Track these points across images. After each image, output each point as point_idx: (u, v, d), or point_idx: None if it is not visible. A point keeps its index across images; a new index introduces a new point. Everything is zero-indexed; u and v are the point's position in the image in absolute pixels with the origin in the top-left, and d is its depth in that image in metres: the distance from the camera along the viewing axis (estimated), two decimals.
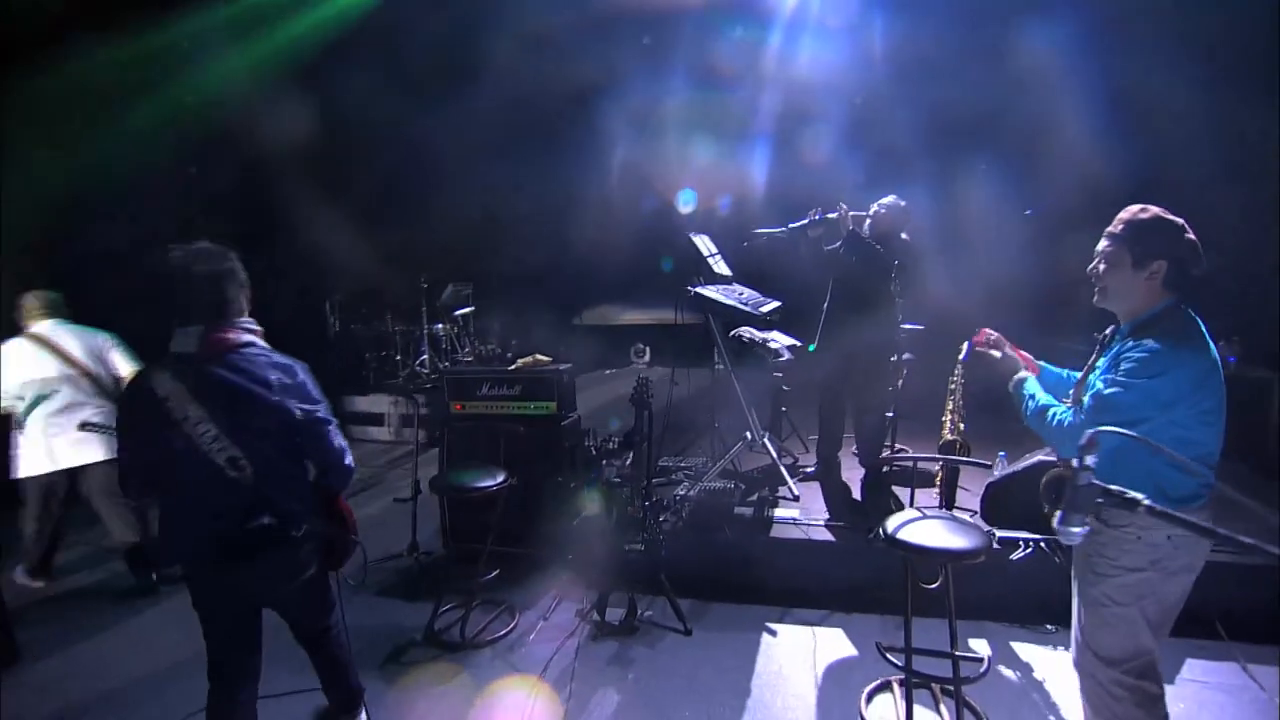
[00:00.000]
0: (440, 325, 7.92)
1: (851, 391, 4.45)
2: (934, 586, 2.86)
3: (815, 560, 3.74)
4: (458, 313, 8.04)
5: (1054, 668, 3.05)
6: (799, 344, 4.80)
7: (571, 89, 6.84)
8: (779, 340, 4.82)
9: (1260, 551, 1.10)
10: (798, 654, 3.22)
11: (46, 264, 4.68)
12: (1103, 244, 2.01)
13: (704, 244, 4.84)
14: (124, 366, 3.90)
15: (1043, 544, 3.42)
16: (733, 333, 4.79)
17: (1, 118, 4.94)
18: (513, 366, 4.21)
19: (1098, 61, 5.38)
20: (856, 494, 4.39)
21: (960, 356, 3.93)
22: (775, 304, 4.67)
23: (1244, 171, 4.82)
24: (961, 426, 3.90)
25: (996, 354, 2.31)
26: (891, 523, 2.66)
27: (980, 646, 3.21)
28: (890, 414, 4.58)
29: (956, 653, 2.68)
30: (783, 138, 7.31)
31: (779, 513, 4.06)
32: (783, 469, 4.44)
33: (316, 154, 6.70)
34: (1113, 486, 1.29)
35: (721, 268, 4.85)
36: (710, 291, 4.37)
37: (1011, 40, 5.65)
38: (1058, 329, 4.73)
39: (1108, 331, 2.08)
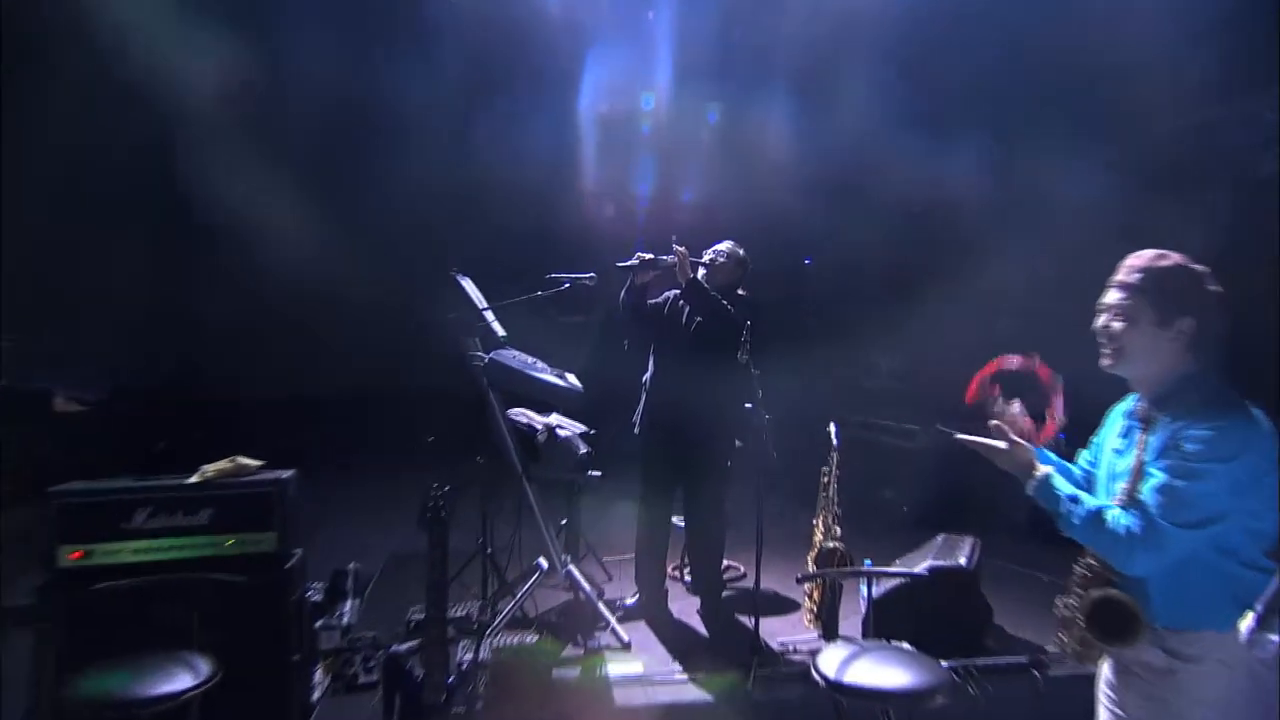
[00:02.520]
0: None
1: (685, 492, 4.37)
2: None
3: None
4: None
5: None
6: (592, 431, 4.62)
7: None
8: (568, 426, 4.58)
9: None
10: None
11: None
12: (1114, 296, 2.04)
13: (473, 291, 4.42)
14: None
15: (955, 672, 3.52)
16: (509, 414, 4.43)
17: None
18: (196, 477, 3.26)
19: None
20: (698, 630, 4.28)
21: (833, 441, 4.20)
22: (573, 375, 4.46)
23: None
24: (838, 530, 3.95)
25: (1001, 445, 2.13)
26: (827, 663, 2.62)
27: None
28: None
29: None
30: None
31: (614, 669, 3.74)
32: (603, 609, 4.15)
33: None
34: None
35: (497, 326, 4.46)
36: (507, 360, 3.97)
37: None
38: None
39: (1139, 406, 2.07)
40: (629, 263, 4.13)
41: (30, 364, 6.66)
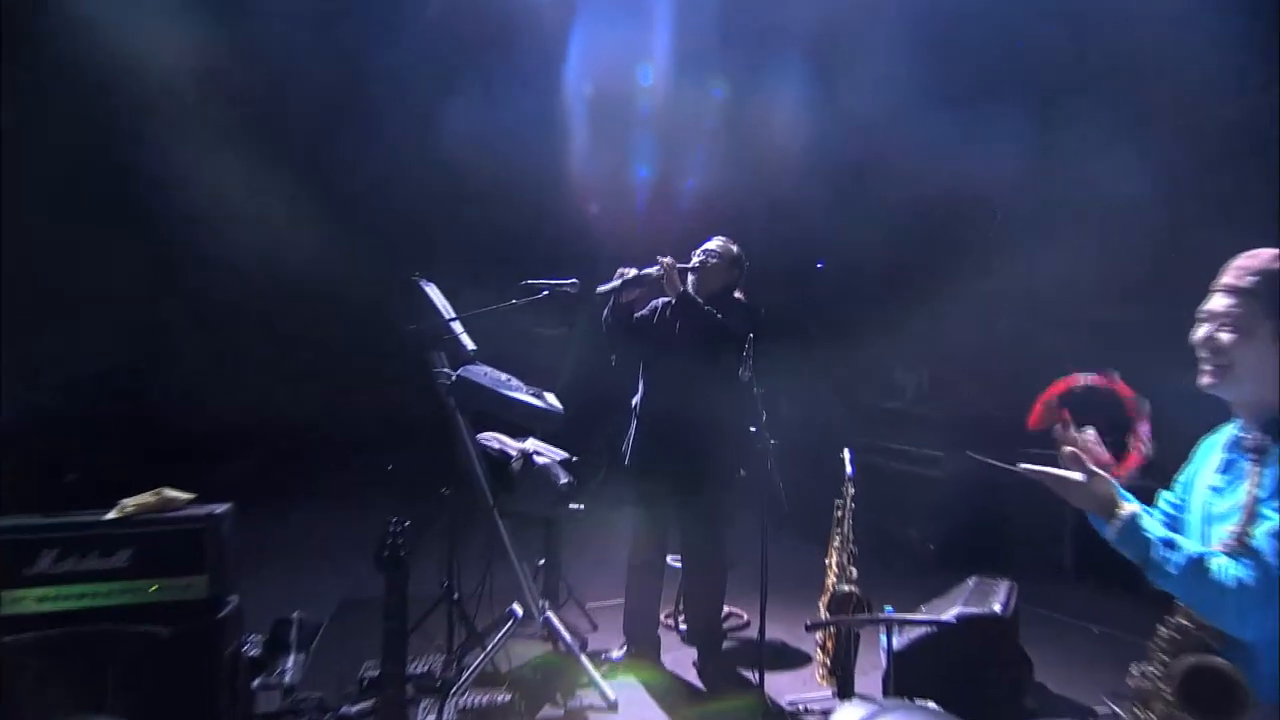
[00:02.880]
0: None
1: (680, 529, 4.32)
2: None
3: None
4: None
5: None
6: (573, 458, 4.59)
7: None
8: (546, 453, 4.52)
9: None
10: None
11: None
12: (1222, 302, 1.90)
13: (438, 298, 4.35)
14: None
15: None
16: (479, 439, 4.36)
17: None
18: (115, 512, 3.14)
19: None
20: (695, 685, 4.21)
21: (847, 471, 4.08)
22: (552, 395, 4.38)
23: None
24: (853, 572, 3.88)
25: (1077, 476, 1.96)
26: None
27: None
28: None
29: None
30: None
31: None
32: (586, 662, 4.03)
33: None
34: None
35: (466, 339, 4.39)
36: (477, 377, 3.87)
37: None
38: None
39: (1250, 436, 1.91)
40: (610, 285, 4.09)
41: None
